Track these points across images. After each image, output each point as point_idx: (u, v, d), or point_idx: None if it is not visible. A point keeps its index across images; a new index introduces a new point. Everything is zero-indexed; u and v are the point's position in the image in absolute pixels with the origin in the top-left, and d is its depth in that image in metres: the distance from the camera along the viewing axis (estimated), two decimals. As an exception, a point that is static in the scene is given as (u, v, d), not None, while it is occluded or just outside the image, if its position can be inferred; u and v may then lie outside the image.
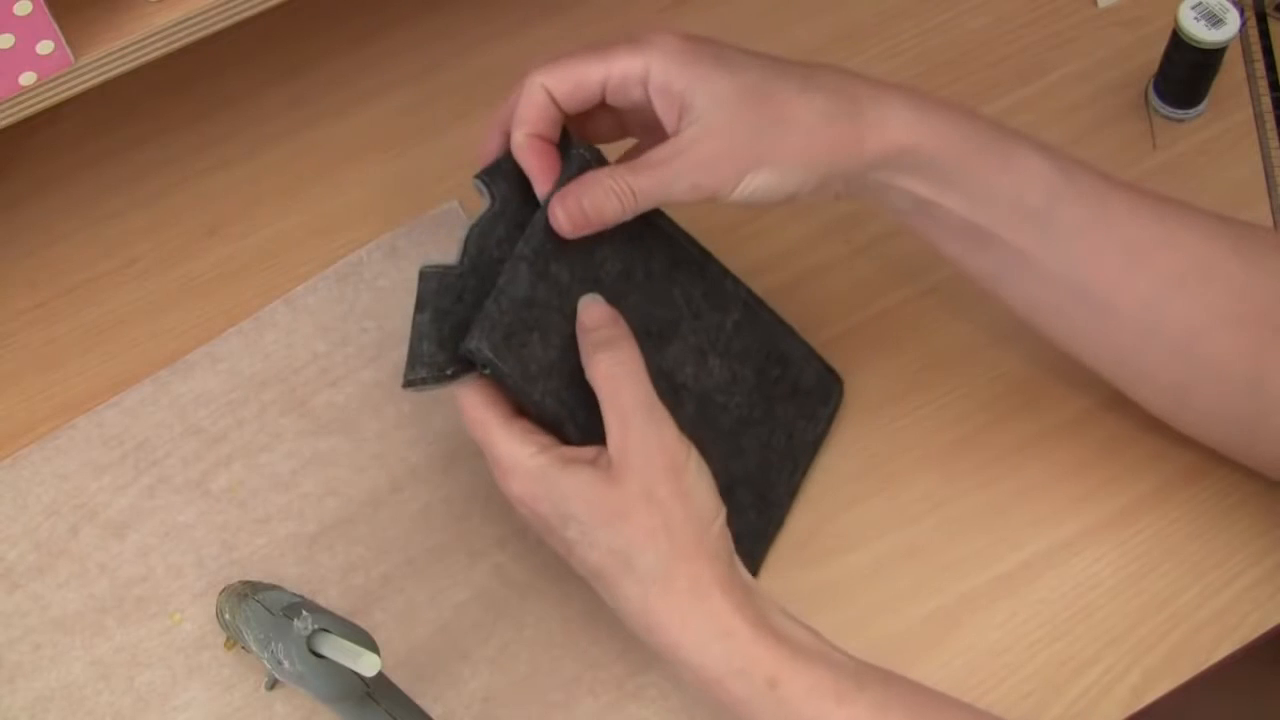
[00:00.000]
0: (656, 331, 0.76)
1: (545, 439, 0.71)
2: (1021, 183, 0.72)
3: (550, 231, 0.72)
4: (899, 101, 0.72)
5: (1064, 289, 0.74)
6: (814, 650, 0.69)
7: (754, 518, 0.78)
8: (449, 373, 0.71)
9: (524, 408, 0.72)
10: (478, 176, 0.74)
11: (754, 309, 0.80)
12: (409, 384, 0.72)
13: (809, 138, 0.71)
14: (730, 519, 0.71)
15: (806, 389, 0.82)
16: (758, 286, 0.80)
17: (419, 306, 0.72)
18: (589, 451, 0.71)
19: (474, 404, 0.72)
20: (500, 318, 0.71)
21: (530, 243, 0.72)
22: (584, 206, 0.71)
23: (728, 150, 0.70)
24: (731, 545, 0.71)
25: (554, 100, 0.73)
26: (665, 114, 0.72)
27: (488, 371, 0.71)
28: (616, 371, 0.71)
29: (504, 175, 0.74)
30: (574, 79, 0.72)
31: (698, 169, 0.71)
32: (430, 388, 0.71)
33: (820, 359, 0.83)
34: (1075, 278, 0.73)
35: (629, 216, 0.72)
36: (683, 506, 0.69)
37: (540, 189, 0.73)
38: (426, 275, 0.72)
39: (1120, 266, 0.73)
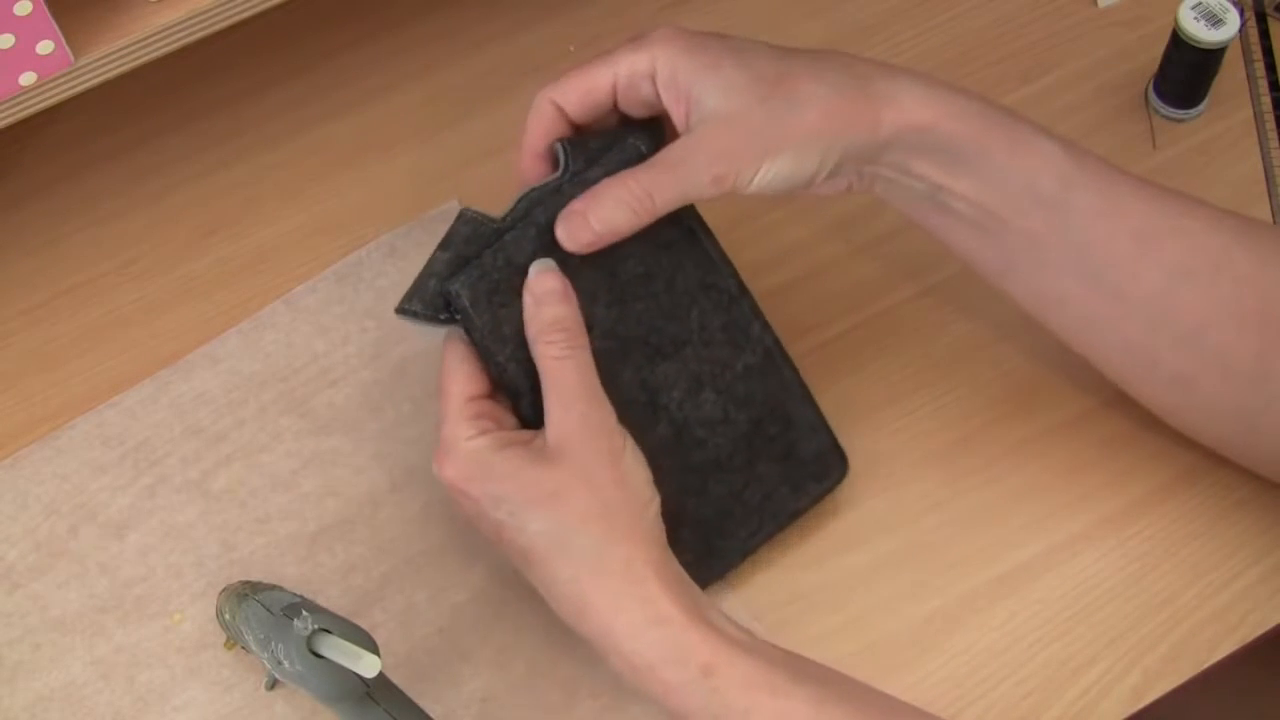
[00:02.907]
0: (655, 345, 0.75)
1: (488, 424, 0.71)
2: (1035, 168, 0.72)
3: None
4: (912, 81, 0.72)
5: (1073, 278, 0.74)
6: (749, 643, 0.68)
7: (690, 561, 0.72)
8: (442, 316, 0.71)
9: (489, 370, 0.72)
10: (561, 140, 0.73)
11: (775, 361, 0.78)
12: (401, 311, 0.72)
13: (823, 113, 0.70)
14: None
15: (802, 458, 0.79)
16: (758, 286, 0.80)
17: (444, 244, 0.72)
18: (525, 434, 0.71)
19: (450, 371, 0.72)
20: (491, 272, 0.71)
21: (549, 213, 0.71)
22: (592, 223, 0.70)
23: (743, 137, 0.69)
24: (664, 534, 0.71)
25: (564, 114, 0.73)
26: (674, 109, 0.71)
27: (459, 319, 0.71)
28: (563, 354, 0.70)
29: (585, 151, 0.72)
30: (581, 88, 0.72)
31: (716, 161, 0.70)
32: (420, 323, 0.72)
33: (831, 435, 0.79)
34: (1085, 267, 0.73)
35: (646, 223, 0.70)
36: (620, 490, 0.69)
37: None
38: (464, 217, 0.72)
39: (1130, 256, 0.73)
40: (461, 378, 0.72)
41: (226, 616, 0.75)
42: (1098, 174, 0.73)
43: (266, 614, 0.70)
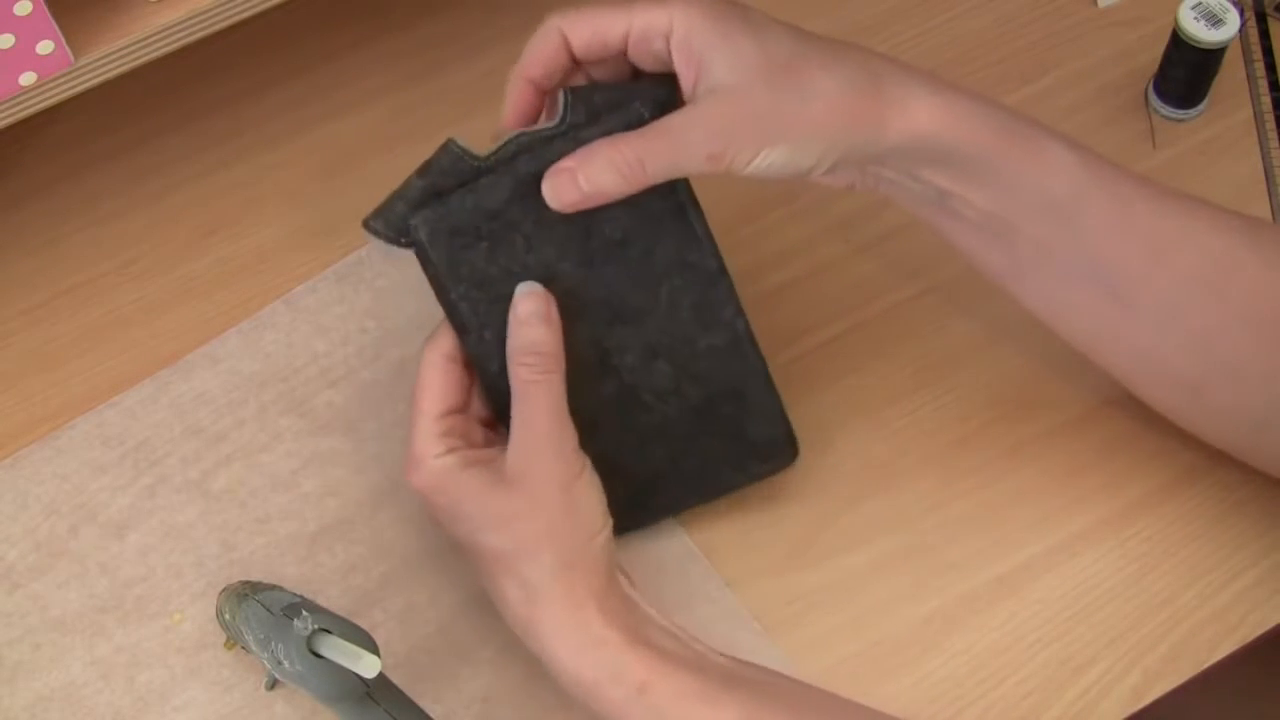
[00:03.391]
0: (617, 309, 0.74)
1: (456, 442, 0.72)
2: (1047, 174, 0.71)
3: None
4: (924, 86, 0.70)
5: (1082, 284, 0.73)
6: (684, 658, 0.70)
7: (612, 510, 0.74)
8: (403, 240, 0.72)
9: (440, 302, 0.72)
10: (566, 89, 0.72)
11: (742, 347, 0.77)
12: (366, 226, 0.72)
13: (829, 108, 0.69)
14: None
15: (752, 440, 0.78)
16: (758, 286, 0.80)
17: (422, 170, 0.72)
18: (489, 454, 0.72)
19: (423, 385, 0.73)
20: (456, 212, 0.71)
21: (533, 164, 0.71)
22: (580, 183, 0.69)
23: (745, 118, 0.68)
24: (613, 558, 0.72)
25: (568, 46, 0.71)
26: (684, 73, 0.70)
27: (413, 250, 0.71)
28: (535, 377, 0.71)
29: (587, 105, 0.71)
30: (593, 27, 0.71)
31: (714, 137, 0.68)
32: (380, 241, 0.72)
33: (788, 425, 0.79)
34: (1095, 273, 0.72)
35: (635, 189, 0.69)
36: (568, 518, 0.70)
37: (506, 123, 0.73)
38: (449, 148, 0.72)
39: (1141, 264, 0.72)
40: (434, 394, 0.73)
41: (226, 616, 0.75)
42: (1111, 181, 0.72)
43: (266, 614, 0.70)
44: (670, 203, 0.73)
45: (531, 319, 0.72)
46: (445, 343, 0.74)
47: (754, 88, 0.68)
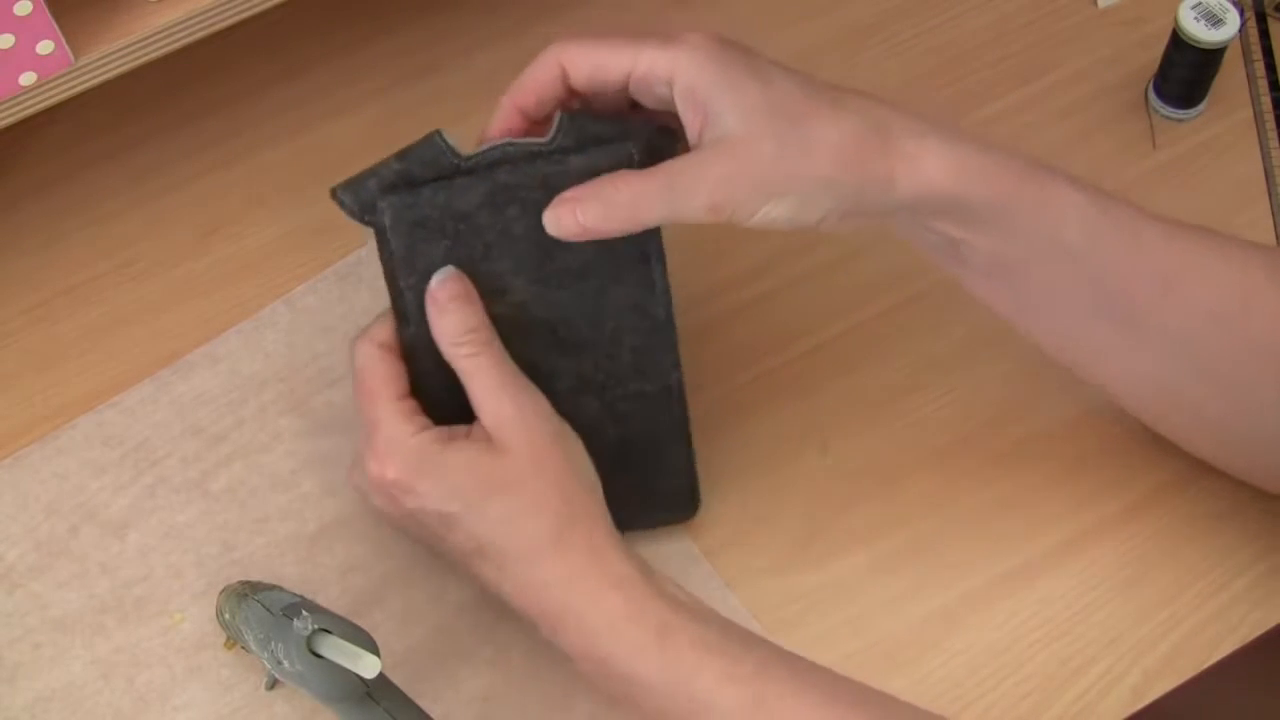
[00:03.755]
0: (561, 336, 0.74)
1: (424, 420, 0.72)
2: (1059, 220, 0.70)
3: (539, 183, 0.71)
4: (932, 137, 0.69)
5: (1095, 321, 0.73)
6: (701, 612, 0.70)
7: None
8: (366, 218, 0.72)
9: (389, 291, 0.73)
10: (563, 113, 0.71)
11: (670, 399, 0.76)
12: (333, 192, 0.73)
13: (836, 162, 0.67)
14: None
15: (656, 488, 0.79)
16: (756, 287, 0.80)
17: (401, 154, 0.72)
18: (461, 429, 0.72)
19: (371, 374, 0.73)
20: (424, 206, 0.71)
21: (510, 176, 0.71)
22: (579, 217, 0.69)
23: (750, 170, 0.67)
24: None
25: (566, 77, 0.71)
26: (689, 119, 0.69)
27: (373, 230, 0.72)
28: (475, 350, 0.71)
29: (579, 132, 0.71)
30: (594, 63, 0.70)
31: (717, 187, 0.67)
32: (344, 213, 0.73)
33: (694, 479, 0.79)
34: (1109, 311, 0.72)
35: (631, 231, 0.69)
36: (571, 474, 0.71)
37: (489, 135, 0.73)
38: (434, 140, 0.72)
39: (1156, 302, 0.71)
40: (385, 378, 0.72)
41: (226, 616, 0.75)
42: (1123, 221, 0.71)
43: (266, 614, 0.70)
44: (637, 249, 0.73)
45: (452, 303, 0.72)
46: (381, 332, 0.74)
47: (760, 139, 0.67)
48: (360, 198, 0.72)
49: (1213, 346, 0.72)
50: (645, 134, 0.72)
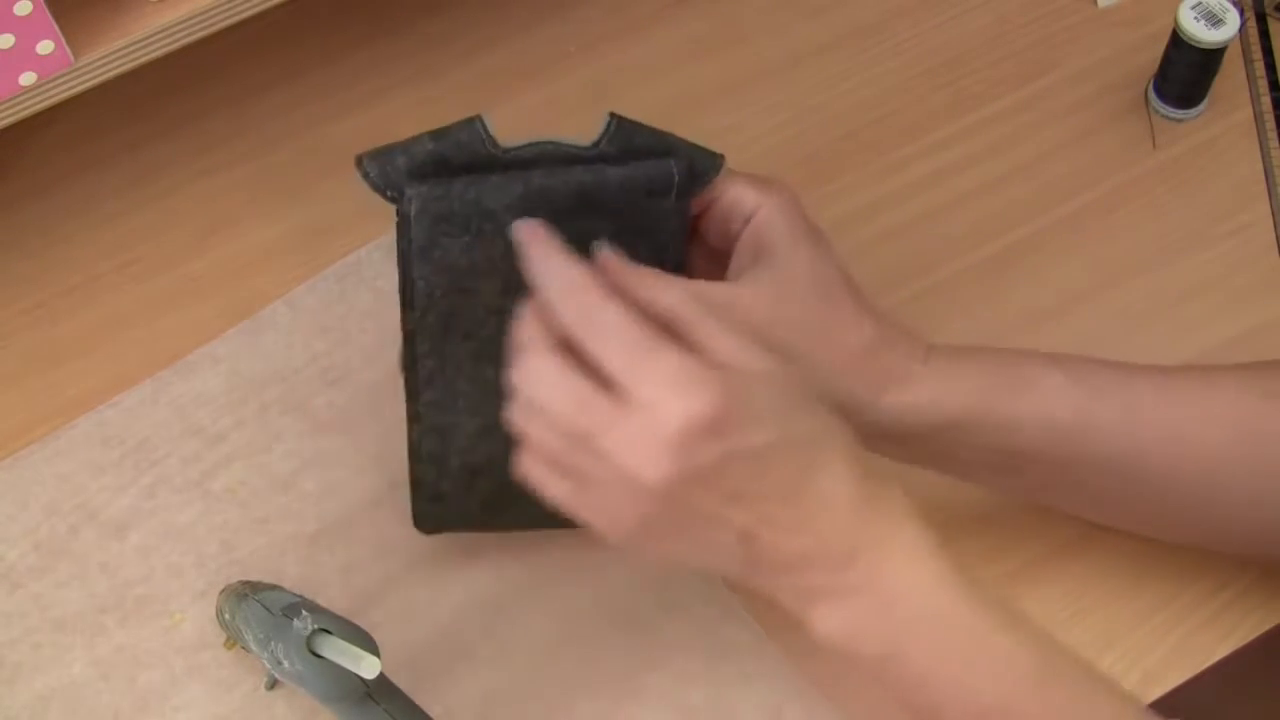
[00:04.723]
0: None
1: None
2: (1046, 405, 0.71)
3: (574, 191, 0.69)
4: (915, 360, 0.71)
5: (1112, 485, 0.73)
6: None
7: (470, 505, 0.76)
8: (388, 194, 0.70)
9: (399, 277, 0.72)
10: (614, 115, 0.71)
11: None
12: (359, 161, 0.70)
13: (844, 362, 0.70)
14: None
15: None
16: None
17: (438, 134, 0.70)
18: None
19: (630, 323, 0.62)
20: (453, 200, 0.69)
21: (545, 179, 0.69)
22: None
23: (770, 325, 0.68)
24: None
25: None
26: (745, 250, 0.70)
27: (397, 217, 0.70)
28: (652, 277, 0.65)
29: (626, 140, 0.70)
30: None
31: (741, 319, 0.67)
32: (366, 185, 0.71)
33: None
34: (1119, 473, 0.72)
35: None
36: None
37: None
38: (473, 124, 0.70)
39: (1164, 459, 0.71)
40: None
41: (226, 616, 0.75)
42: (1112, 388, 0.72)
43: (266, 614, 0.70)
44: (656, 260, 0.71)
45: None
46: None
47: (789, 300, 0.69)
48: (386, 173, 0.70)
49: (1233, 484, 0.71)
50: (689, 152, 0.71)
